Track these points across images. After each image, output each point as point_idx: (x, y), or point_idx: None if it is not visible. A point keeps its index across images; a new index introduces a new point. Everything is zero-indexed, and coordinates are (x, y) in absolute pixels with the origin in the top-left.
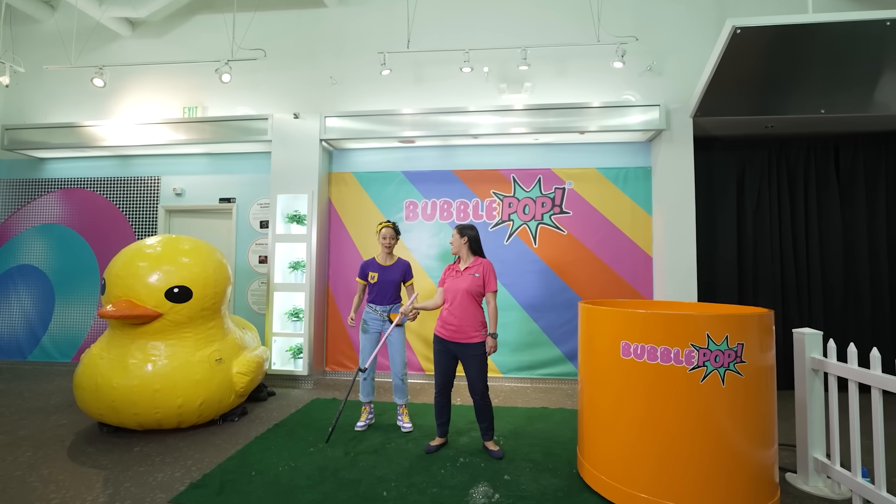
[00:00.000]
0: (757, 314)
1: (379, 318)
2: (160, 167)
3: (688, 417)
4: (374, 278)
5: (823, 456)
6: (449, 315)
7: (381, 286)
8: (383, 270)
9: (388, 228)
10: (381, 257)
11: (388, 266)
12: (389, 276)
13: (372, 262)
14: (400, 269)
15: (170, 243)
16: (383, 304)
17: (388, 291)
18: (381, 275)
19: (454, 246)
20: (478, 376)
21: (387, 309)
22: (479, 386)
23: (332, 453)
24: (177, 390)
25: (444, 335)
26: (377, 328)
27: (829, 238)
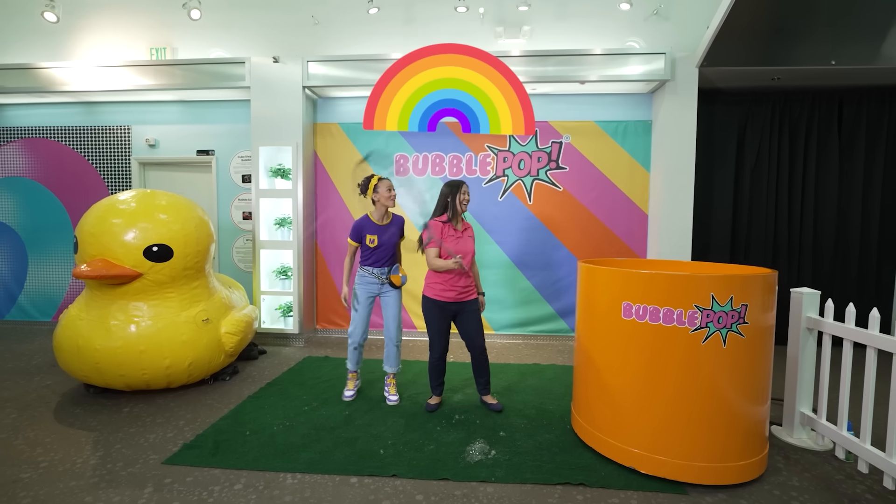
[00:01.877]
0: (762, 275)
1: (376, 281)
2: (130, 115)
3: (687, 377)
4: (373, 242)
5: (810, 410)
6: (458, 278)
7: (380, 250)
8: (383, 231)
9: (387, 180)
10: (378, 215)
11: (386, 225)
12: (390, 237)
13: (367, 221)
14: (398, 227)
15: (145, 199)
16: (381, 266)
17: (388, 254)
18: (381, 237)
19: (467, 205)
20: (479, 331)
21: (385, 271)
22: (480, 340)
23: (326, 412)
24: (163, 351)
25: (450, 297)
26: (374, 292)
27: (825, 201)
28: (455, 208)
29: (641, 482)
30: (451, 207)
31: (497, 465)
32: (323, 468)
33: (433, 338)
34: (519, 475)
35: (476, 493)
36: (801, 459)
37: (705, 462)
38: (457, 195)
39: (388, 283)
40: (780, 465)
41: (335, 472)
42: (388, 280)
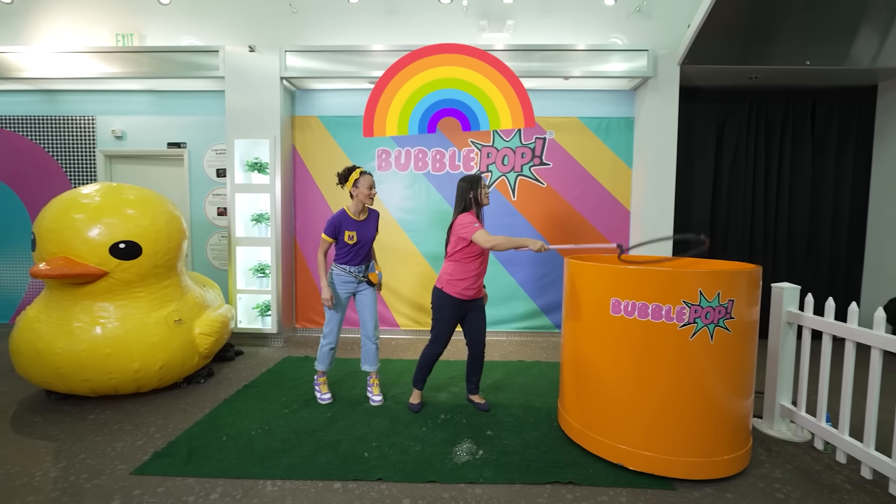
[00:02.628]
0: (746, 270)
1: (353, 279)
2: (94, 105)
3: (675, 373)
4: (352, 238)
5: (790, 403)
6: (480, 275)
7: (359, 247)
8: (362, 228)
9: (369, 176)
10: (357, 210)
11: (364, 220)
12: (368, 232)
13: (344, 216)
14: (374, 222)
15: (111, 192)
16: (359, 263)
17: (366, 251)
18: (360, 233)
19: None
20: (485, 326)
21: (362, 269)
22: (484, 338)
23: (307, 414)
24: (132, 354)
25: (470, 296)
26: (350, 291)
27: (798, 199)
28: (479, 204)
29: (630, 479)
30: (475, 203)
31: (485, 466)
32: (304, 473)
33: (441, 334)
34: (507, 475)
35: (464, 495)
36: (782, 451)
37: (693, 457)
38: (478, 189)
39: (365, 282)
40: (762, 457)
41: (317, 477)
42: (365, 278)
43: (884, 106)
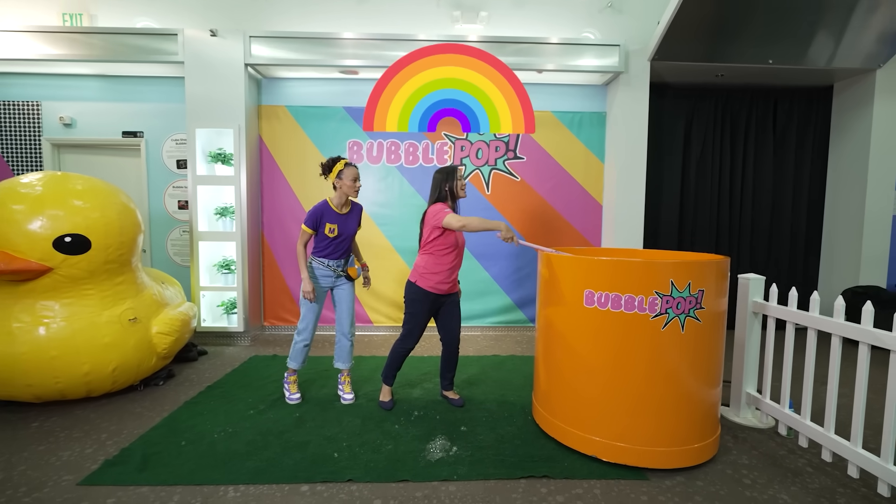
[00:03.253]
0: (715, 261)
1: (331, 274)
2: (39, 90)
3: (648, 364)
4: (333, 231)
5: (755, 391)
6: (455, 269)
7: (340, 240)
8: (343, 221)
9: (354, 168)
10: (340, 203)
11: (347, 214)
12: (350, 226)
13: (326, 208)
14: (357, 215)
15: (56, 182)
16: (339, 258)
17: (347, 245)
18: (342, 227)
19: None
20: (459, 324)
21: (342, 263)
22: (458, 333)
23: (274, 415)
24: (81, 356)
25: (444, 290)
26: (328, 286)
27: (761, 193)
28: (455, 196)
29: (604, 470)
30: (450, 195)
31: (459, 462)
32: (270, 477)
33: (414, 329)
34: (482, 471)
35: (438, 493)
36: (748, 438)
37: (665, 447)
38: (454, 181)
39: (343, 276)
40: (729, 444)
41: (284, 480)
42: (344, 273)
43: (839, 106)
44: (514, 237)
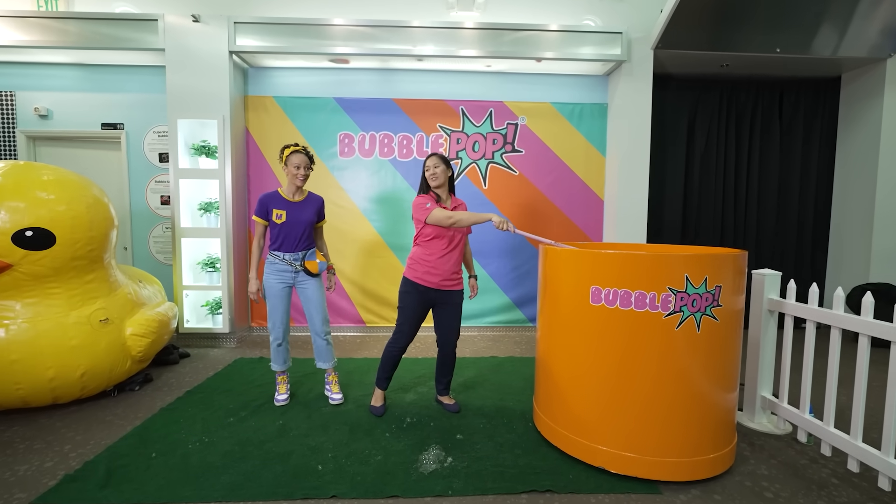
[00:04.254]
0: (732, 254)
1: (289, 268)
2: (13, 79)
3: (660, 366)
4: (280, 217)
5: (770, 394)
6: (447, 259)
7: (288, 228)
8: (293, 208)
9: (300, 154)
10: (289, 191)
11: (299, 202)
12: (300, 214)
13: (275, 195)
14: (314, 206)
15: (19, 172)
16: (293, 250)
17: (298, 235)
18: (290, 213)
19: (438, 178)
20: (457, 327)
21: (298, 256)
22: (455, 337)
23: (256, 422)
24: (45, 360)
25: (432, 283)
26: (288, 281)
27: (767, 186)
28: (427, 185)
29: (612, 483)
30: (425, 184)
31: (454, 475)
32: (246, 493)
33: (404, 325)
34: (479, 485)
35: None
36: (765, 445)
37: (678, 457)
38: (423, 172)
39: (303, 271)
40: (746, 452)
41: (261, 497)
42: (302, 267)
43: (847, 97)
44: (508, 224)
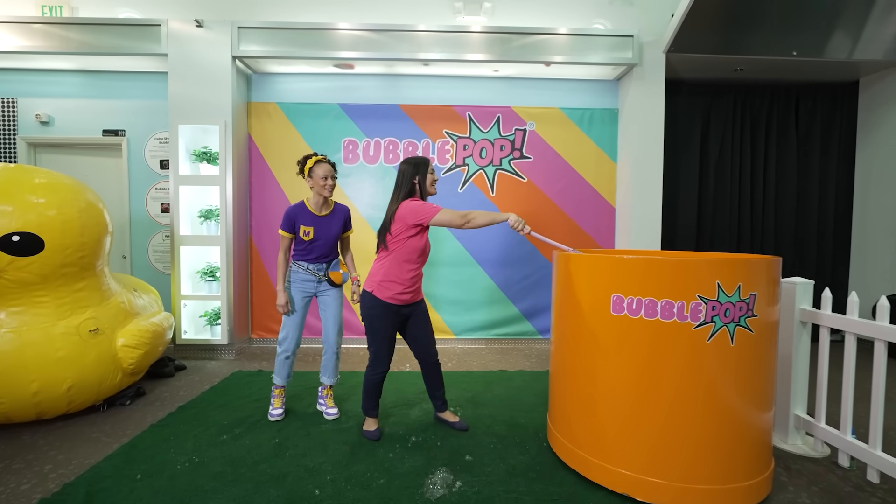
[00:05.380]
0: (766, 261)
1: (312, 278)
2: (15, 86)
3: (690, 383)
4: (308, 234)
5: (805, 413)
6: (418, 277)
7: (318, 244)
8: (320, 223)
9: (325, 164)
10: (316, 204)
11: (326, 216)
12: (329, 230)
13: (301, 209)
14: (340, 219)
15: (9, 175)
16: (318, 261)
17: (325, 248)
18: (318, 229)
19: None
20: (432, 335)
21: (323, 267)
22: (434, 346)
23: (251, 440)
24: (29, 372)
25: (406, 300)
26: (309, 292)
27: (785, 193)
28: (425, 192)
29: None
30: (420, 191)
31: (463, 501)
32: None
33: (380, 350)
34: None
35: None
36: (802, 470)
37: (709, 484)
38: (426, 175)
39: (326, 281)
40: (783, 478)
41: None
42: (326, 277)
43: (865, 102)
44: (524, 226)
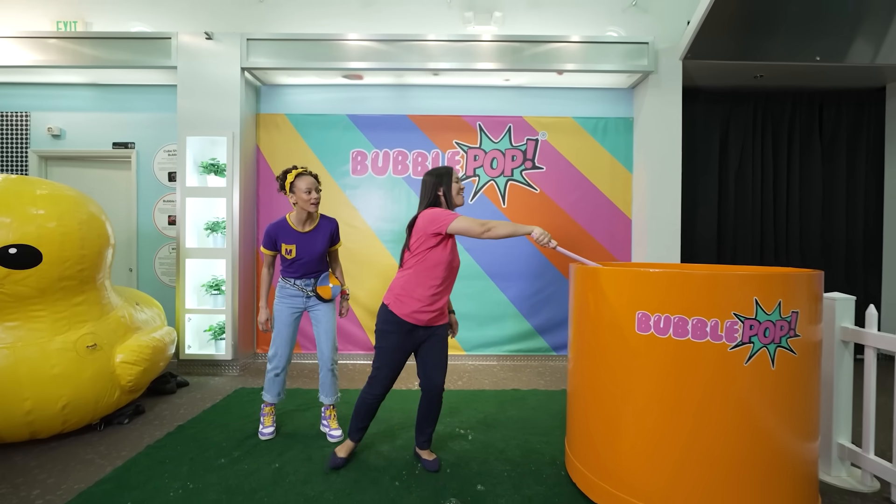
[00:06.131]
0: (807, 275)
1: (300, 294)
2: (29, 100)
3: (723, 408)
4: (290, 252)
5: (850, 442)
6: (441, 297)
7: (301, 262)
8: (303, 240)
9: (307, 177)
10: (298, 220)
11: (310, 232)
12: (313, 247)
13: (283, 226)
14: (326, 234)
15: (13, 186)
16: (305, 276)
17: (311, 265)
18: (301, 246)
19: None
20: (444, 363)
21: (311, 283)
22: (442, 376)
23: (249, 465)
24: (22, 390)
25: (424, 321)
26: (298, 307)
27: (810, 203)
28: (451, 202)
29: None
30: (446, 201)
31: None
32: None
33: (383, 368)
34: None
35: None
36: None
37: None
38: (451, 184)
39: (315, 297)
40: None
41: None
42: (314, 293)
43: (893, 109)
44: (550, 240)
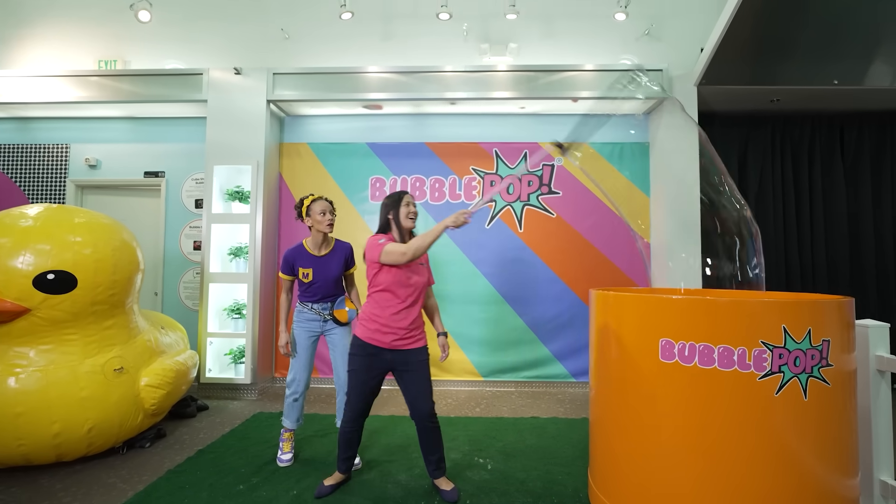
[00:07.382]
0: (837, 301)
1: (317, 318)
2: (70, 133)
3: (753, 441)
4: (307, 276)
5: (892, 478)
6: (404, 316)
7: (317, 286)
8: (319, 264)
9: (321, 201)
10: (314, 244)
11: (325, 256)
12: (328, 271)
13: (300, 251)
14: (341, 257)
15: (54, 215)
16: (322, 301)
17: (327, 288)
18: (318, 271)
19: (413, 220)
20: (425, 391)
21: (328, 307)
22: (428, 403)
23: (268, 492)
24: (52, 413)
25: (385, 343)
26: (315, 331)
27: (834, 221)
28: (400, 226)
29: None
30: (395, 226)
31: None
32: None
33: (351, 392)
34: None
35: None
36: None
37: None
38: (398, 209)
39: (332, 320)
40: None
41: None
42: (331, 316)
43: None
44: (464, 214)
